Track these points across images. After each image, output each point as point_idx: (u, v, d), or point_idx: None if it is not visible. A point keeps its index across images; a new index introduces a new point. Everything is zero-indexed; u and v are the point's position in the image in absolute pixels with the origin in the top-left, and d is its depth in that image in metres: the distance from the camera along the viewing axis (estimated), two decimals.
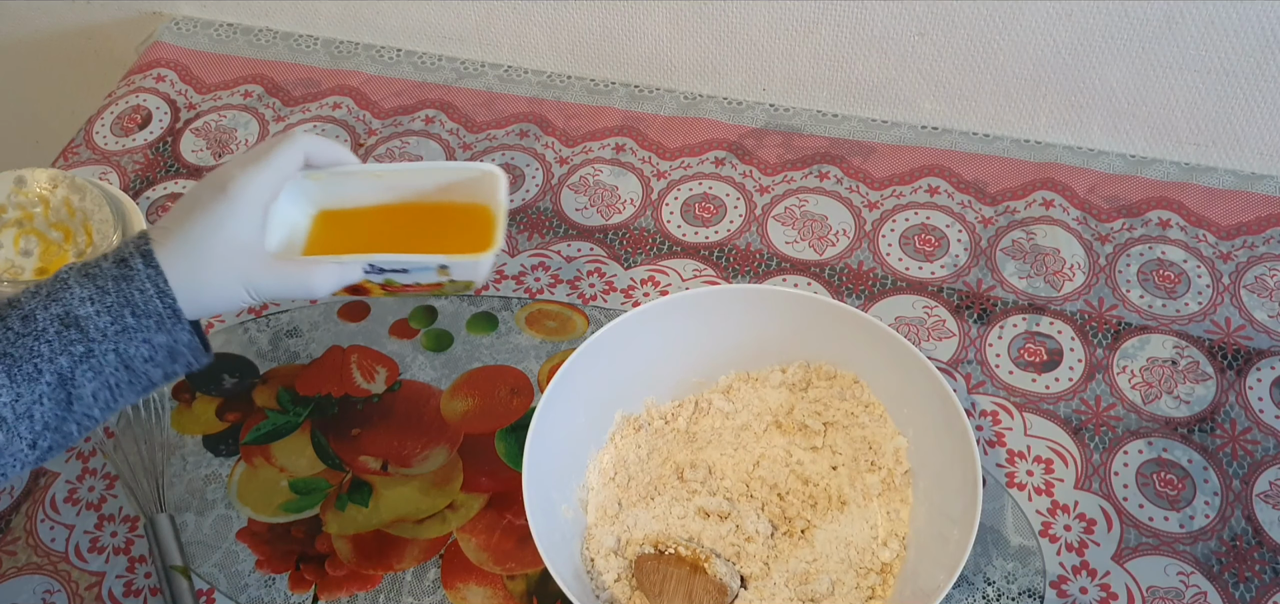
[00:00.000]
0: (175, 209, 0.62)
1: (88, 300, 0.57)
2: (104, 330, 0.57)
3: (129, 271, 0.58)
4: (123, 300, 0.58)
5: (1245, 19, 0.89)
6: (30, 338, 0.56)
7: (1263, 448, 0.79)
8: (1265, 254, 0.90)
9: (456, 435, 0.83)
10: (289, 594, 0.75)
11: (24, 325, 0.56)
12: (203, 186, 0.62)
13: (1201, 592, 0.72)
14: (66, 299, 0.57)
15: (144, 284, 0.58)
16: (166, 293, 0.58)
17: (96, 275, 0.58)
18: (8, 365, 0.56)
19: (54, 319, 0.57)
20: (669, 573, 0.69)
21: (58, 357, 0.57)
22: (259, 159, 0.62)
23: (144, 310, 0.58)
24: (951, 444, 0.70)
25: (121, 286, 0.58)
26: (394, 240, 0.66)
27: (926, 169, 0.99)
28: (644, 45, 1.07)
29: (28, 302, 0.58)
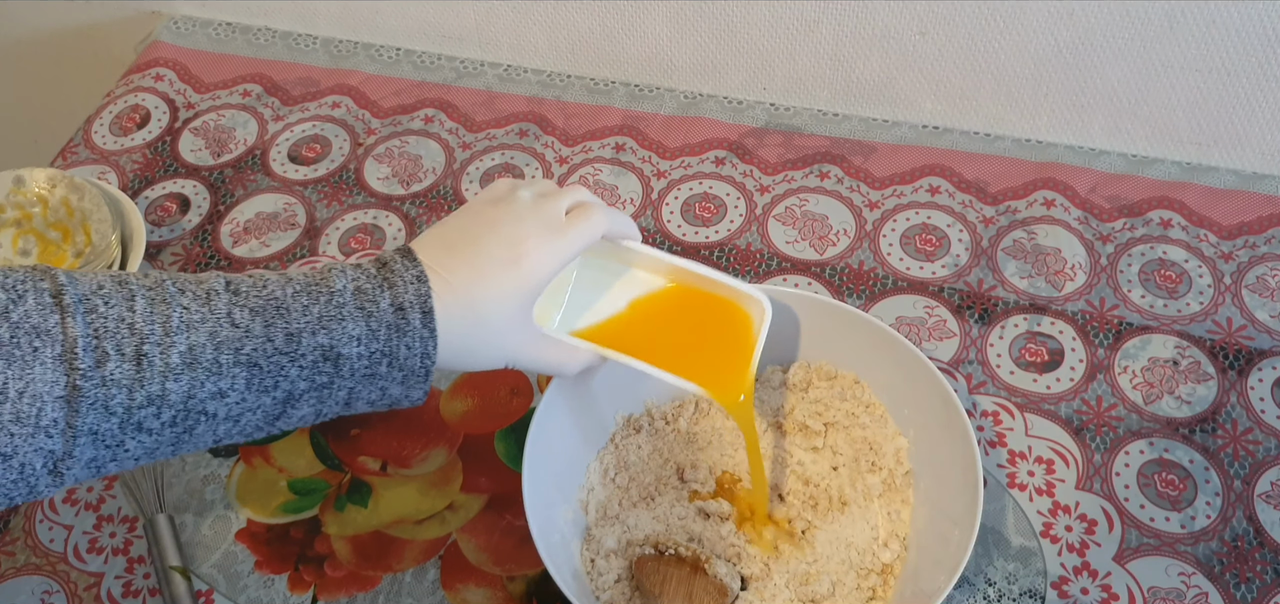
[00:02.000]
0: (458, 255, 0.58)
1: (356, 340, 0.55)
2: (354, 371, 0.55)
3: (405, 324, 0.56)
4: (387, 352, 0.55)
5: (1247, 18, 0.88)
6: (287, 359, 0.54)
7: (1264, 448, 0.78)
8: (1267, 254, 0.90)
9: (456, 436, 0.82)
10: (288, 595, 0.75)
11: (287, 344, 0.54)
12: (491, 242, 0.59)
13: (1203, 592, 0.72)
14: (336, 332, 0.55)
15: (413, 343, 0.56)
16: (430, 357, 0.56)
17: (371, 313, 0.55)
18: (250, 374, 0.53)
19: (317, 349, 0.54)
20: (669, 574, 0.69)
21: (299, 380, 0.54)
22: (558, 236, 0.60)
23: (402, 366, 0.56)
24: (952, 445, 0.70)
25: (392, 338, 0.55)
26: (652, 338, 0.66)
27: (927, 169, 0.99)
28: (644, 45, 1.07)
29: (299, 315, 0.54)
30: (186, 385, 0.52)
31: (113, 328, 0.51)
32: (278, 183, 1.01)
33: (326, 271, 0.57)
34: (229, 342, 0.53)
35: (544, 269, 0.60)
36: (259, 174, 1.02)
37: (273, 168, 1.03)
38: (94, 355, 0.50)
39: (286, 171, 1.02)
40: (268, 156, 1.04)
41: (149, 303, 0.52)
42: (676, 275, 0.68)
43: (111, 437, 0.51)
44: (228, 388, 0.53)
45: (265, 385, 0.54)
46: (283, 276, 0.56)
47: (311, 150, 1.04)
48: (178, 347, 0.52)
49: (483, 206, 0.62)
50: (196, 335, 0.52)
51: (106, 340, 0.50)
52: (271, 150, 1.04)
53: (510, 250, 0.59)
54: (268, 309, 0.54)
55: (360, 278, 0.56)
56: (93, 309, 0.51)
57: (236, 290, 0.54)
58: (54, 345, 0.49)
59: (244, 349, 0.53)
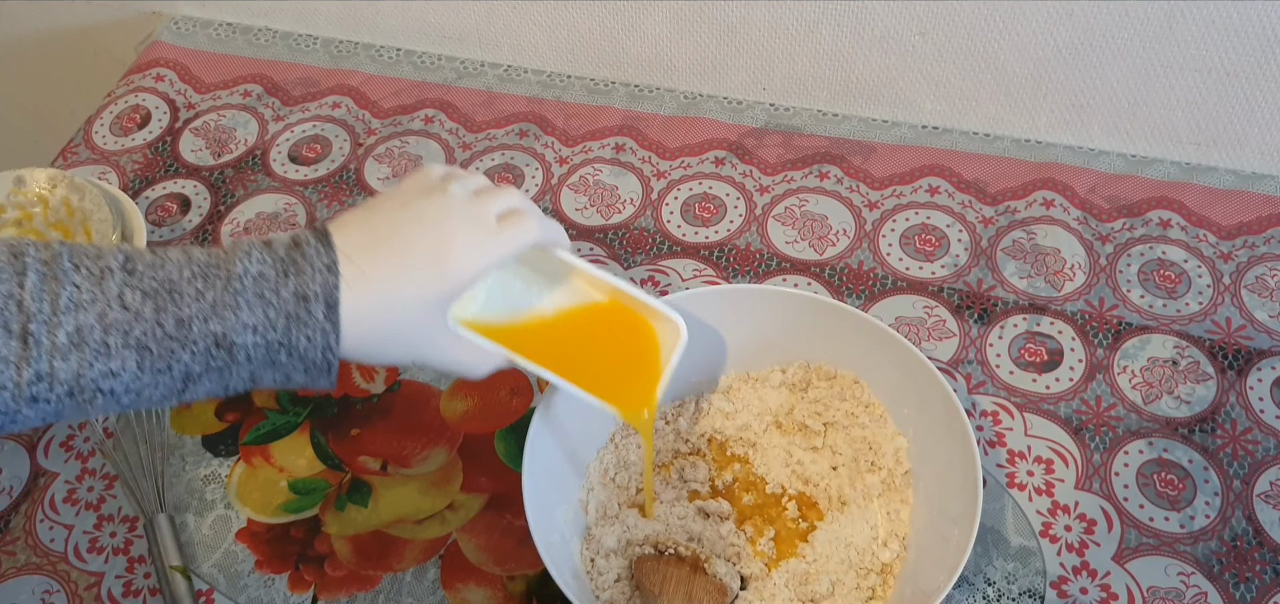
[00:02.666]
0: (381, 248, 0.57)
1: (252, 329, 0.53)
2: (251, 357, 0.54)
3: (306, 315, 0.54)
4: (285, 343, 0.54)
5: (1246, 18, 0.89)
6: (177, 344, 0.52)
7: (1263, 448, 0.78)
8: (1266, 254, 0.90)
9: (456, 436, 0.82)
10: (288, 595, 0.75)
11: (177, 330, 0.52)
12: (418, 237, 0.57)
13: (1202, 592, 0.72)
14: (230, 320, 0.53)
15: (314, 336, 0.54)
16: (332, 349, 0.55)
17: (270, 301, 0.53)
18: (140, 357, 0.52)
19: (209, 336, 0.53)
20: (669, 573, 0.69)
21: (194, 364, 0.53)
22: (487, 240, 0.59)
23: (302, 356, 0.54)
24: (952, 444, 0.70)
25: (292, 328, 0.54)
26: (565, 348, 0.65)
27: (927, 169, 0.99)
28: (644, 45, 1.07)
29: (191, 300, 0.53)
30: (75, 365, 0.51)
31: (1, 304, 0.50)
32: (278, 183, 1.01)
33: (231, 251, 0.55)
34: (117, 324, 0.52)
35: (469, 272, 0.58)
36: (259, 174, 1.02)
37: (273, 168, 1.03)
38: None
39: (287, 172, 1.02)
40: (268, 157, 1.04)
41: (40, 279, 0.51)
42: (598, 288, 0.67)
43: (6, 405, 0.51)
44: (118, 369, 0.52)
45: (158, 368, 0.53)
46: (185, 254, 0.54)
47: (312, 150, 1.04)
48: (65, 326, 0.51)
49: (413, 196, 0.60)
50: (85, 316, 0.51)
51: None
52: (272, 150, 1.04)
53: (436, 249, 0.58)
54: (159, 293, 0.53)
55: (264, 263, 0.54)
56: None
57: (132, 270, 0.53)
58: None
59: (133, 333, 0.52)
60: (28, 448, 0.83)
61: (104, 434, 0.82)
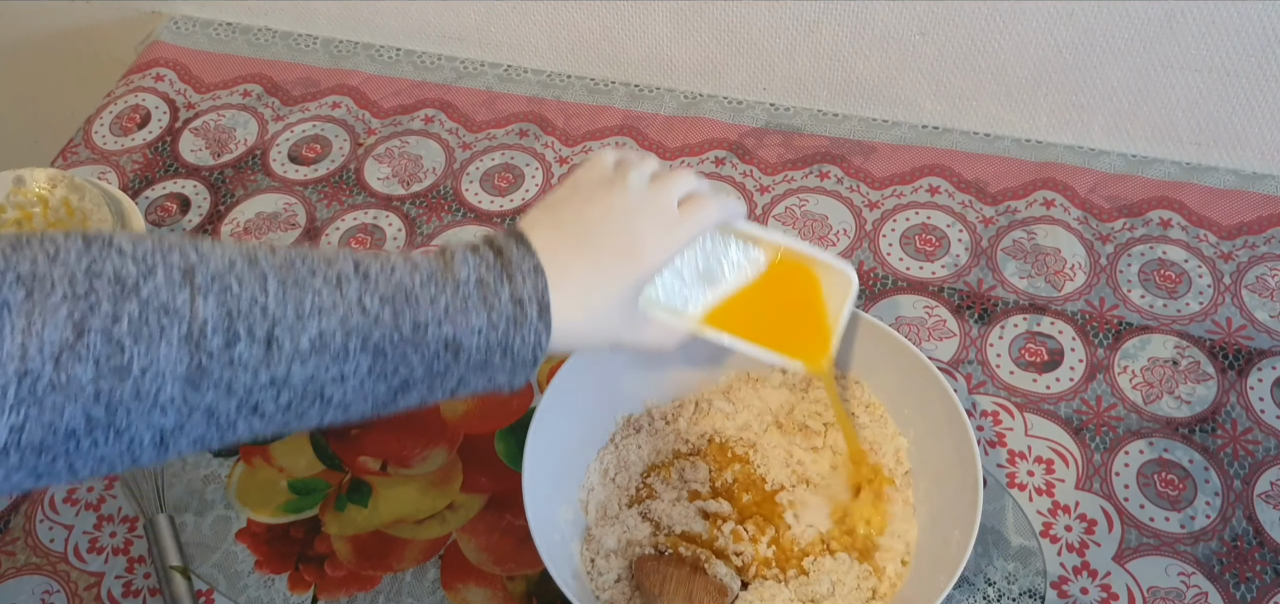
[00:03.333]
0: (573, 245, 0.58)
1: (478, 331, 0.54)
2: (470, 361, 0.55)
3: (523, 318, 0.55)
4: (503, 344, 0.55)
5: (1246, 18, 0.88)
6: (411, 348, 0.53)
7: (1264, 448, 0.78)
8: (1266, 254, 0.90)
9: (456, 436, 0.82)
10: (288, 595, 0.75)
11: (413, 333, 0.53)
12: (606, 233, 0.59)
13: (1202, 592, 0.72)
14: (461, 324, 0.54)
15: (528, 335, 0.55)
16: (542, 347, 0.56)
17: (493, 305, 0.55)
18: (373, 361, 0.53)
19: (442, 339, 0.54)
20: (669, 574, 0.69)
21: (418, 368, 0.54)
22: (672, 228, 0.61)
23: (515, 357, 0.56)
24: (952, 444, 0.70)
25: (510, 331, 0.55)
26: (742, 312, 0.67)
27: (927, 169, 0.99)
28: (644, 45, 1.07)
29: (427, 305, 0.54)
30: (311, 369, 0.51)
31: (245, 309, 0.50)
32: (278, 183, 1.01)
33: (449, 259, 0.56)
34: (358, 328, 0.52)
35: (657, 262, 0.60)
36: (259, 174, 1.02)
37: (273, 168, 1.03)
38: (224, 336, 0.49)
39: (287, 172, 1.02)
40: (268, 157, 1.04)
41: (281, 285, 0.51)
42: (768, 248, 0.68)
43: (226, 417, 0.50)
44: (350, 372, 0.52)
45: (385, 371, 0.53)
46: (408, 262, 0.55)
47: (312, 150, 1.04)
48: (309, 331, 0.51)
49: (594, 188, 0.61)
50: (328, 321, 0.51)
51: (238, 322, 0.49)
52: (272, 150, 1.04)
53: (626, 242, 0.59)
54: (397, 297, 0.53)
55: (481, 267, 0.56)
56: (226, 289, 0.49)
57: (366, 275, 0.53)
58: (181, 325, 0.48)
59: (372, 336, 0.52)
60: None
61: None
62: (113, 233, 0.50)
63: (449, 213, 0.98)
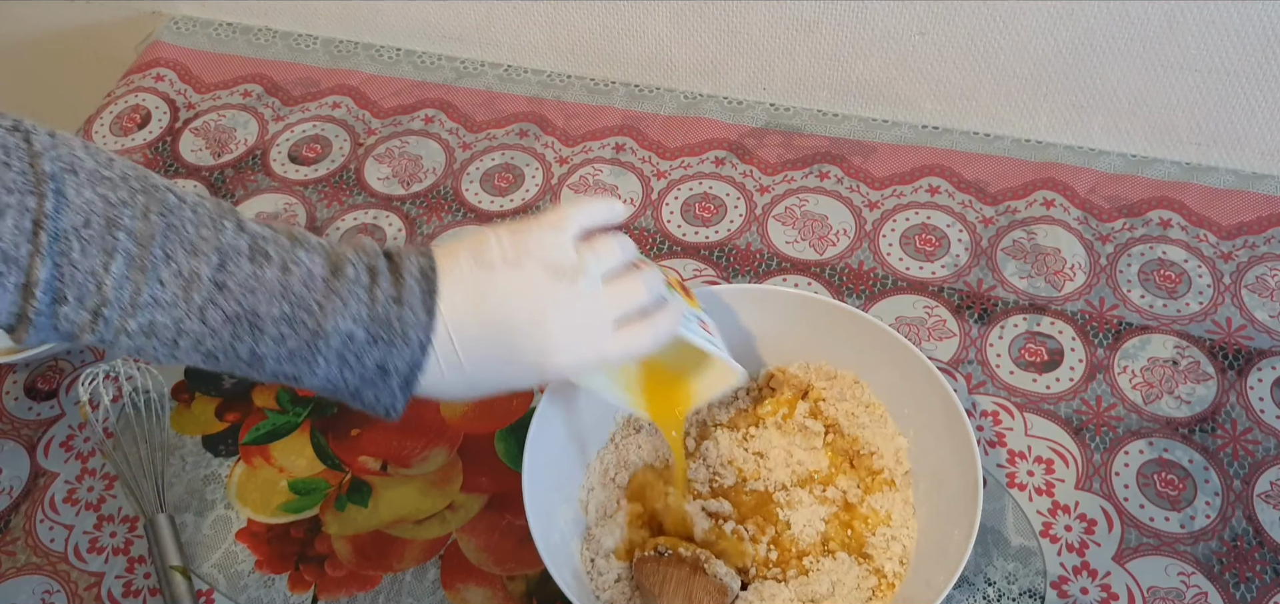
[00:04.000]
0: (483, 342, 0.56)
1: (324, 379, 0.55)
2: (317, 388, 0.55)
3: (382, 382, 0.55)
4: (354, 394, 0.55)
5: (1246, 18, 0.88)
6: (246, 366, 0.54)
7: (1263, 448, 0.78)
8: (1266, 254, 0.90)
9: (456, 436, 0.82)
10: (288, 595, 0.75)
11: (250, 360, 0.54)
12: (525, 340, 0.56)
13: (1202, 592, 0.72)
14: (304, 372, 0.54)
15: (382, 396, 0.55)
16: (395, 411, 0.56)
17: (350, 365, 0.54)
18: (208, 361, 0.54)
19: (281, 375, 0.54)
20: (669, 574, 0.69)
21: (254, 375, 0.55)
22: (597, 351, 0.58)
23: (365, 404, 0.56)
24: (952, 444, 0.70)
25: (363, 388, 0.55)
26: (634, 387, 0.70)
27: (927, 169, 0.99)
28: (644, 45, 1.07)
29: (271, 341, 0.53)
30: (139, 343, 0.53)
31: (80, 279, 0.51)
32: (278, 183, 1.01)
33: (328, 294, 0.54)
34: (191, 334, 0.53)
35: (564, 372, 0.58)
36: (259, 174, 1.02)
37: (273, 168, 1.03)
38: (51, 296, 0.50)
39: (287, 172, 1.02)
40: (268, 157, 1.04)
41: (127, 265, 0.51)
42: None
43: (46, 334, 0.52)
44: (182, 355, 0.53)
45: (220, 367, 0.54)
46: (282, 274, 0.54)
47: (312, 150, 1.04)
48: (139, 319, 0.52)
49: (539, 276, 0.57)
50: (161, 316, 0.52)
51: (69, 289, 0.50)
52: (272, 150, 1.04)
53: (540, 353, 0.57)
54: (241, 319, 0.53)
55: (358, 322, 0.54)
56: (65, 254, 0.50)
57: (221, 284, 0.53)
58: (18, 275, 0.50)
59: (205, 345, 0.53)
60: (28, 448, 0.83)
61: (104, 434, 0.82)
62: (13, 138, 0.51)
63: (449, 213, 0.98)
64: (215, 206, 0.55)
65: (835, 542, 0.72)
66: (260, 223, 0.56)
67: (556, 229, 0.58)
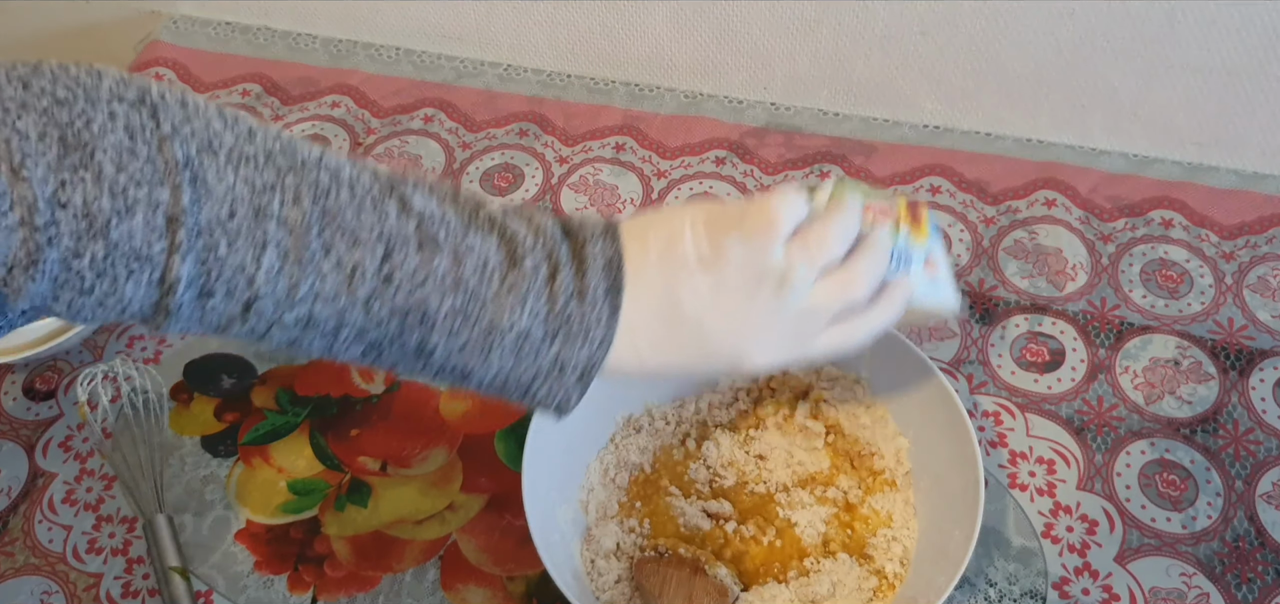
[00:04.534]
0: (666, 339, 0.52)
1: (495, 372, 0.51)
2: (482, 388, 0.52)
3: (558, 377, 0.51)
4: (526, 390, 0.51)
5: (1247, 18, 0.88)
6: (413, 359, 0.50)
7: (1265, 448, 0.78)
8: (1268, 254, 0.90)
9: (456, 436, 0.82)
10: (288, 595, 0.75)
11: (417, 355, 0.50)
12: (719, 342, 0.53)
13: (1204, 593, 0.72)
14: (475, 365, 0.50)
15: (556, 391, 0.52)
16: (567, 406, 0.52)
17: (526, 360, 0.50)
18: (369, 352, 0.50)
19: (449, 369, 0.51)
20: (669, 574, 0.69)
21: (418, 372, 0.51)
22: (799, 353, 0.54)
23: (534, 400, 0.52)
24: (953, 445, 0.70)
25: (536, 383, 0.51)
26: None
27: (928, 168, 0.98)
28: (644, 44, 1.06)
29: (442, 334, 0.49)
30: (293, 335, 0.48)
31: (228, 275, 0.46)
32: None
33: (500, 294, 0.49)
34: (355, 325, 0.48)
35: (755, 373, 0.55)
36: None
37: None
38: (196, 290, 0.45)
39: None
40: None
41: (282, 258, 0.46)
42: None
43: (210, 331, 0.48)
44: (339, 348, 0.49)
45: (378, 359, 0.50)
46: (453, 274, 0.49)
47: None
48: (297, 312, 0.47)
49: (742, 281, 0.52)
50: (322, 309, 0.47)
51: (217, 282, 0.46)
52: None
53: (733, 356, 0.53)
54: (410, 313, 0.48)
55: (536, 317, 0.50)
56: (211, 249, 0.45)
57: (389, 277, 0.48)
58: (153, 271, 0.44)
59: (370, 335, 0.49)
60: (27, 448, 0.83)
61: (103, 434, 0.82)
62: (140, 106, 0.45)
63: None
64: (372, 181, 0.50)
65: (836, 542, 0.72)
66: (428, 193, 0.51)
67: (764, 234, 0.52)
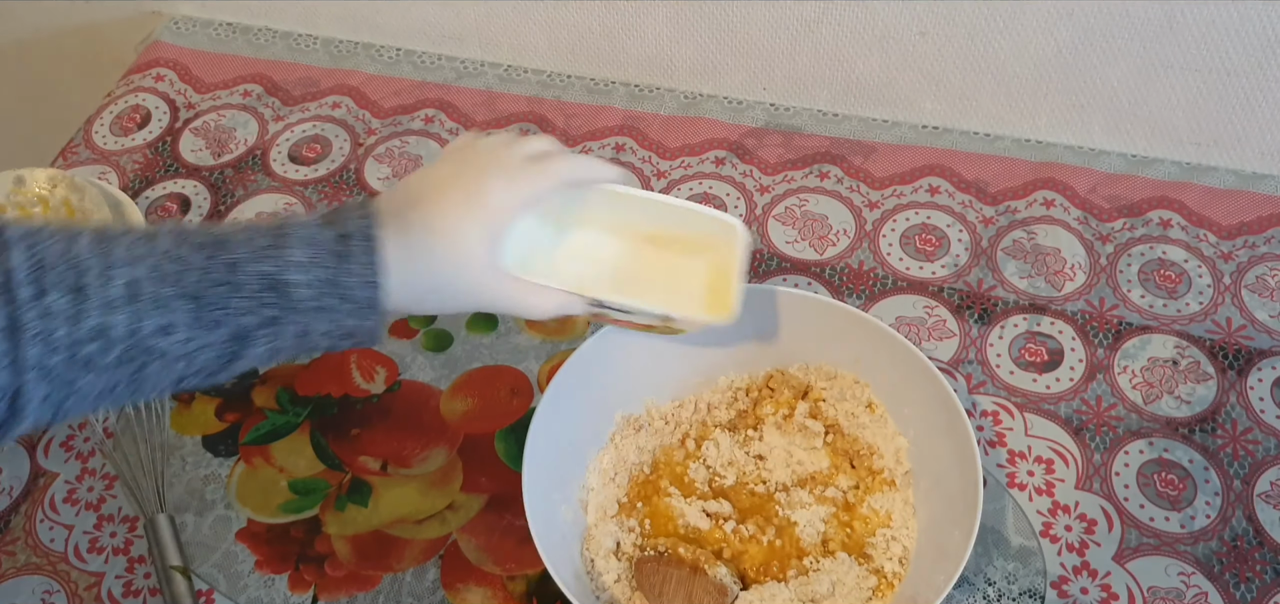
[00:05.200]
0: (418, 200, 0.59)
1: (300, 266, 0.54)
2: (301, 302, 0.54)
3: (347, 252, 0.55)
4: (331, 281, 0.55)
5: (1246, 19, 0.88)
6: (229, 289, 0.53)
7: (1264, 448, 0.78)
8: (1266, 254, 0.90)
9: (456, 436, 0.82)
10: (288, 595, 0.75)
11: (227, 273, 0.53)
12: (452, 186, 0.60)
13: (1202, 592, 0.72)
14: (279, 260, 0.54)
15: (355, 269, 0.55)
16: (374, 283, 0.56)
17: (317, 242, 0.55)
18: (195, 308, 0.53)
19: (259, 277, 0.54)
20: (669, 574, 0.69)
21: (246, 315, 0.54)
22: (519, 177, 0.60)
23: (349, 295, 0.55)
24: (952, 445, 0.70)
25: (338, 265, 0.55)
26: (624, 275, 0.65)
27: (927, 169, 0.99)
28: (644, 45, 1.07)
29: (241, 246, 0.54)
30: (129, 319, 0.51)
31: (52, 261, 0.50)
32: (278, 183, 1.01)
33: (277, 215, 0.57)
34: (170, 275, 0.52)
35: (506, 205, 0.60)
36: (259, 174, 1.02)
37: (273, 168, 1.03)
38: (33, 287, 0.50)
39: (287, 172, 1.02)
40: (268, 157, 1.04)
41: (93, 240, 0.52)
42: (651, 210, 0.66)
43: (60, 374, 0.51)
44: (173, 323, 0.52)
45: (211, 320, 0.53)
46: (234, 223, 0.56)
47: (312, 150, 1.04)
48: (118, 280, 0.51)
49: (445, 160, 0.63)
50: (137, 269, 0.52)
51: (47, 273, 0.50)
52: (272, 150, 1.04)
53: (470, 189, 0.59)
54: (210, 244, 0.54)
55: (309, 218, 0.57)
56: (34, 243, 0.51)
57: (182, 233, 0.54)
58: None
59: (185, 280, 0.53)
60: (28, 448, 0.83)
61: (104, 434, 0.82)
62: None
63: None
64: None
65: (835, 542, 0.72)
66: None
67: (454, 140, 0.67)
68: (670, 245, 0.67)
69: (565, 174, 0.63)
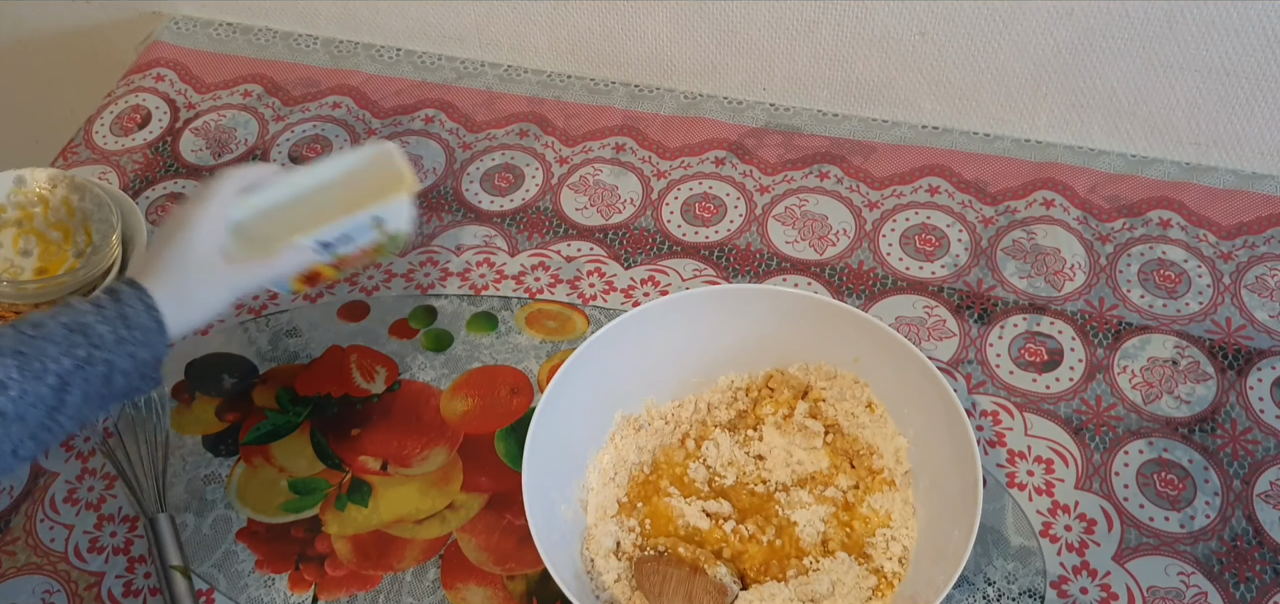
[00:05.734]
0: (152, 252, 0.71)
1: (93, 312, 0.65)
2: (103, 338, 0.64)
3: (121, 295, 0.66)
4: (119, 315, 0.65)
5: (1246, 19, 0.89)
6: (41, 340, 0.63)
7: (1263, 448, 0.78)
8: (1266, 254, 0.90)
9: (456, 435, 0.82)
10: (288, 594, 0.75)
11: (35, 329, 0.63)
12: (165, 227, 0.72)
13: (1202, 592, 0.72)
14: (73, 312, 0.65)
15: (134, 302, 0.66)
16: (154, 308, 0.67)
17: (96, 301, 0.66)
18: (20, 361, 0.61)
19: (62, 326, 0.64)
20: (669, 574, 0.69)
21: (62, 358, 0.63)
22: (205, 193, 0.72)
23: (136, 324, 0.66)
24: (952, 444, 0.70)
25: (120, 305, 0.66)
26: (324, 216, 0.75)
27: (927, 169, 0.99)
28: (644, 45, 1.07)
29: (42, 315, 0.64)
30: None
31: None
32: None
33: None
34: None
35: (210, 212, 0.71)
36: None
37: None
38: None
39: None
40: (268, 157, 1.04)
41: None
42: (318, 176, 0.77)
43: None
44: (6, 379, 0.60)
45: (35, 371, 0.62)
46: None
47: (312, 150, 1.04)
48: None
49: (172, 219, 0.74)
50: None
51: None
52: (272, 150, 1.04)
53: (178, 219, 0.72)
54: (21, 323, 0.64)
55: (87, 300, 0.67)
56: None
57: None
58: None
59: (4, 341, 0.62)
60: None
61: (104, 434, 0.82)
62: None
63: (449, 212, 0.98)
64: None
65: (835, 541, 0.72)
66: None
67: None
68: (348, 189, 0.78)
69: (234, 174, 0.74)
